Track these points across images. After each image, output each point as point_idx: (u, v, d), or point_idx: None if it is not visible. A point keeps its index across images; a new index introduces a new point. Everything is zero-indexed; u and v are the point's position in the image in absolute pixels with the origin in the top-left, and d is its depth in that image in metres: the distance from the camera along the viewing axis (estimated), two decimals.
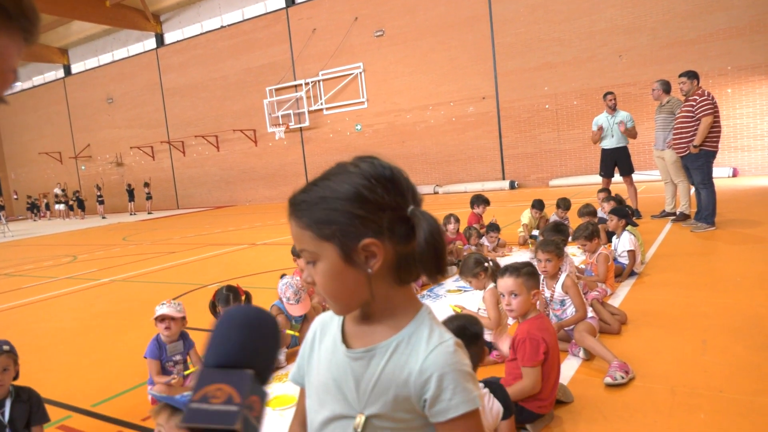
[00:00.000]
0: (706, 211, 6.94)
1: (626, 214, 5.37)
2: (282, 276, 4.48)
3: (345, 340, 0.96)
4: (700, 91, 7.00)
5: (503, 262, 4.61)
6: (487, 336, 3.54)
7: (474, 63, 17.45)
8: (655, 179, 12.54)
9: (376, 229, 0.86)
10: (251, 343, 0.70)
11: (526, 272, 2.76)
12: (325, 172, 0.91)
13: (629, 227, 5.31)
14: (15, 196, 32.05)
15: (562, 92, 16.19)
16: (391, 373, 0.88)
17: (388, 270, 0.88)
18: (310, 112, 21.01)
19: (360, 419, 0.89)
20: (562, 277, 3.59)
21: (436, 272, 0.88)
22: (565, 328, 3.51)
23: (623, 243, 5.12)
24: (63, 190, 26.81)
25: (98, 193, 24.80)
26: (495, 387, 2.37)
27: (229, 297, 3.59)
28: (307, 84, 20.86)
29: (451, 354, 0.87)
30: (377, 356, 0.90)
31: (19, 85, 32.05)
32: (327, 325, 1.02)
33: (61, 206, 26.51)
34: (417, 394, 0.86)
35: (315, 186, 0.89)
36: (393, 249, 0.87)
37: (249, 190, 23.55)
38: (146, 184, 24.62)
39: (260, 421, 0.68)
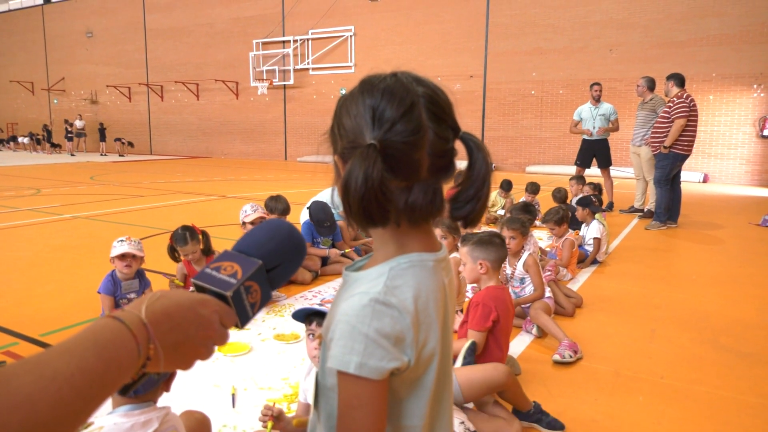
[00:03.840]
0: (659, 208, 7.10)
1: (590, 202, 5.44)
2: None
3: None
4: (680, 93, 7.06)
5: None
6: None
7: (466, 40, 17.29)
8: (628, 176, 12.74)
9: (341, 150, 0.84)
10: (270, 244, 0.81)
11: (472, 242, 2.78)
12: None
13: (598, 216, 5.40)
14: None
15: (549, 80, 16.18)
16: (336, 304, 0.88)
17: None
18: (295, 70, 20.62)
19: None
20: (525, 255, 3.64)
21: (354, 222, 0.79)
22: (522, 306, 3.58)
23: (591, 231, 5.21)
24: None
25: (69, 129, 24.03)
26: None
27: (186, 235, 3.53)
28: (295, 41, 20.41)
29: (358, 307, 0.79)
30: (344, 284, 0.91)
31: None
32: None
33: (25, 139, 25.60)
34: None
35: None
36: None
37: (226, 143, 23.14)
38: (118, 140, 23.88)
39: (254, 309, 0.78)
